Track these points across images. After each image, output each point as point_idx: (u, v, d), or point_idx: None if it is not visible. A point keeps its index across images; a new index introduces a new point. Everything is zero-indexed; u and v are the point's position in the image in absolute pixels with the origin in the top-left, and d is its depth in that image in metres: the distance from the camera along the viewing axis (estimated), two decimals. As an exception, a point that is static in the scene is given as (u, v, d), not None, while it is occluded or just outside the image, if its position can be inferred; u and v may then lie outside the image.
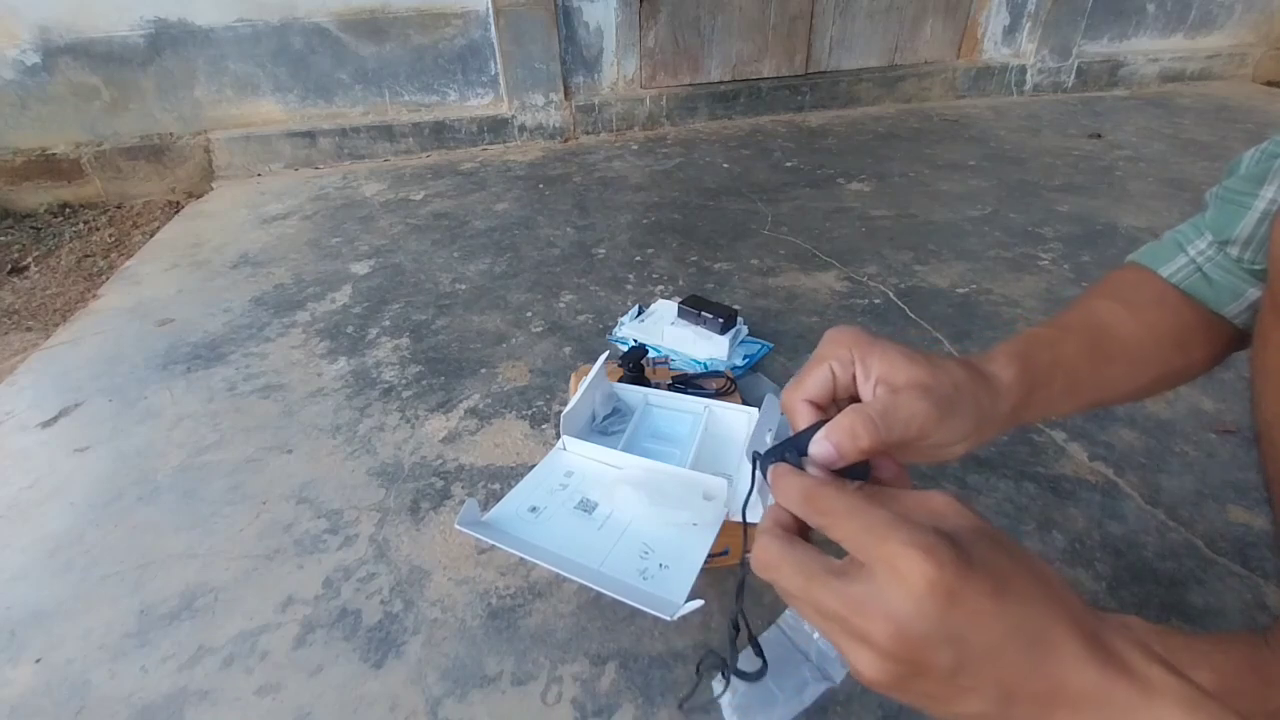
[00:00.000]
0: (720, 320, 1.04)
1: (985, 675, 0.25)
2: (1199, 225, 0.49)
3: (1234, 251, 0.47)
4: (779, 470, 0.32)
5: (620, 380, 0.93)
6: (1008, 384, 0.39)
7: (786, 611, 0.66)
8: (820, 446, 0.32)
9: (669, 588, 0.57)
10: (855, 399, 0.36)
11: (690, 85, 2.49)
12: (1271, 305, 0.42)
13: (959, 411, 0.34)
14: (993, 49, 2.75)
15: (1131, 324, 0.47)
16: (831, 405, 0.36)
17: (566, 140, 2.37)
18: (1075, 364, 0.44)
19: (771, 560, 0.30)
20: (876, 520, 0.27)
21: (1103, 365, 0.46)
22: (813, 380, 0.36)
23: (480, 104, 2.31)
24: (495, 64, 2.24)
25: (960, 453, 0.36)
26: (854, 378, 0.36)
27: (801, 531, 0.32)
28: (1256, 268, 0.45)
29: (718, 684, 0.58)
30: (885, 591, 0.26)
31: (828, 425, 0.32)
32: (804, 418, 0.35)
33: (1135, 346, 0.47)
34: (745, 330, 1.12)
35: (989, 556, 0.26)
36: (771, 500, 0.33)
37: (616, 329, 1.19)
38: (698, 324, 1.07)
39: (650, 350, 1.02)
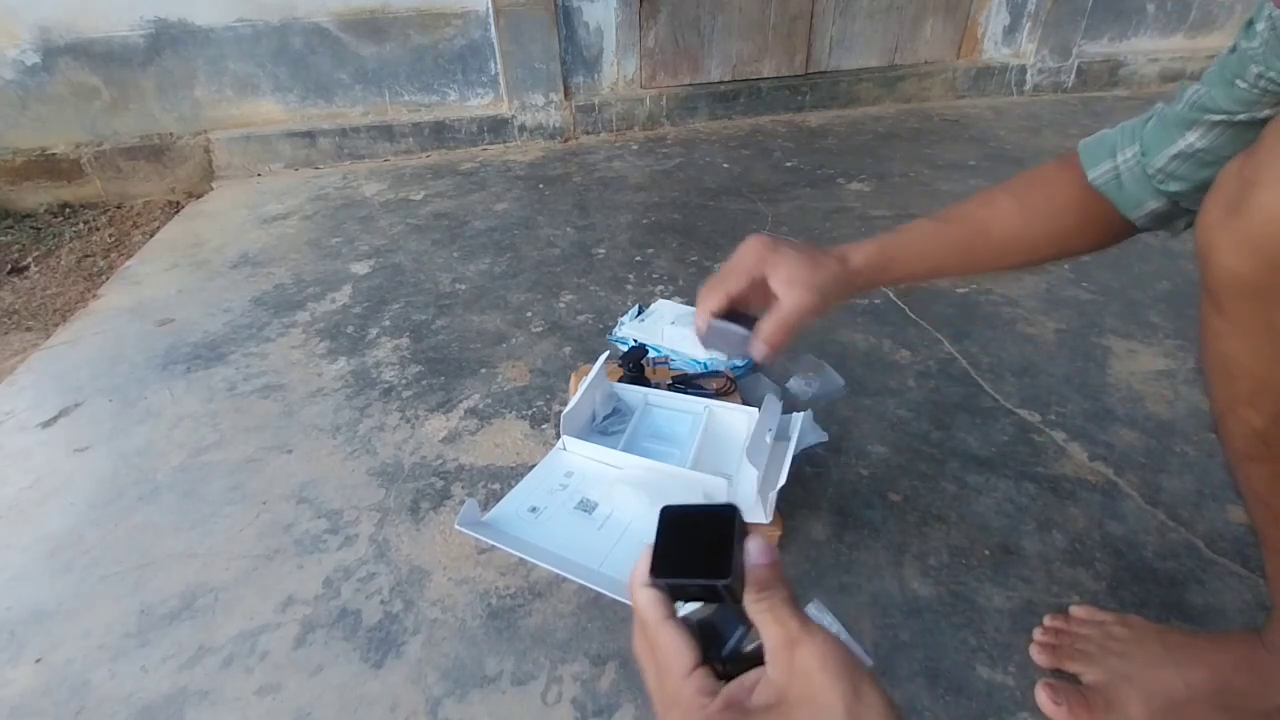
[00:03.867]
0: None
1: None
2: (1137, 131, 0.55)
3: (1151, 170, 0.54)
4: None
5: (620, 380, 0.93)
6: (857, 268, 0.56)
7: (810, 605, 0.66)
8: (759, 346, 0.55)
9: (669, 588, 0.57)
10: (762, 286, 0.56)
11: (690, 85, 2.49)
12: (1207, 295, 0.46)
13: (829, 296, 0.55)
14: (993, 49, 2.75)
15: (1019, 229, 0.58)
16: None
17: (566, 140, 2.37)
18: (943, 256, 0.59)
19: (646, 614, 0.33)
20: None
21: (970, 258, 0.60)
22: (735, 283, 0.55)
23: (480, 104, 2.31)
24: (495, 64, 2.24)
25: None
26: (765, 277, 0.55)
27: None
28: (1162, 189, 0.53)
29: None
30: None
31: (762, 329, 0.55)
32: (716, 303, 0.56)
33: (1012, 245, 0.58)
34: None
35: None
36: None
37: (616, 329, 1.19)
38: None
39: (650, 350, 1.03)
